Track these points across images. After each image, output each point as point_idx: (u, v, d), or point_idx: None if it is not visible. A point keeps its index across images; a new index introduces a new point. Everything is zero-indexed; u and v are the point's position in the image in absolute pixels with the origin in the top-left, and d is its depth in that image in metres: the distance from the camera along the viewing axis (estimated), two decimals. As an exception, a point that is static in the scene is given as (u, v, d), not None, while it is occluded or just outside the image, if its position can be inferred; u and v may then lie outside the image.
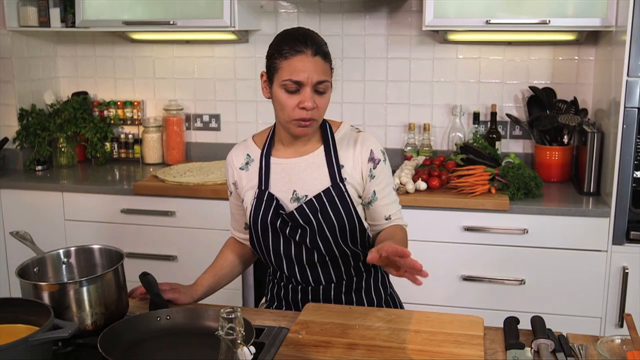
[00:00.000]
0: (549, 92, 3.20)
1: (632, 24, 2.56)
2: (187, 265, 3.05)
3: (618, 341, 1.46)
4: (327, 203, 1.80)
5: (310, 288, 1.88)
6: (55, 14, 3.37)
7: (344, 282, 1.89)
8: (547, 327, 1.62)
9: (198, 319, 1.54)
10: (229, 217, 2.06)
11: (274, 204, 1.82)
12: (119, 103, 3.66)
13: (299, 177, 1.84)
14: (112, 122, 3.65)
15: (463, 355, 1.47)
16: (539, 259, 2.78)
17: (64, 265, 1.63)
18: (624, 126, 2.64)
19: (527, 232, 2.76)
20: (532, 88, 3.20)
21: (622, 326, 2.74)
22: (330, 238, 1.82)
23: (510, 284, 2.81)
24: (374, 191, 1.86)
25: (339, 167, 1.83)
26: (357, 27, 3.38)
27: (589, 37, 3.15)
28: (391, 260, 1.51)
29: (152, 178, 3.19)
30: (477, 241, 2.81)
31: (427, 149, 3.31)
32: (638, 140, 2.67)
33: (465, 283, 2.85)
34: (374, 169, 1.85)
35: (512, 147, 3.34)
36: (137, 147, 3.65)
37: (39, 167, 3.43)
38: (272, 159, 1.87)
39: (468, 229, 2.80)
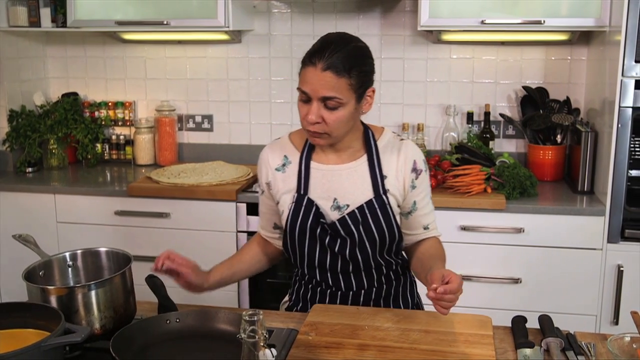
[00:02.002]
0: (542, 91, 3.22)
1: (627, 24, 2.59)
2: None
3: (627, 339, 1.47)
4: (369, 215, 1.76)
5: (339, 293, 1.85)
6: (45, 13, 3.33)
7: (375, 289, 1.86)
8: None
9: (208, 322, 1.53)
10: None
11: (314, 210, 1.78)
12: (110, 104, 3.63)
13: (341, 185, 1.79)
14: (103, 123, 3.61)
15: (475, 355, 1.47)
16: (535, 257, 2.79)
17: (69, 269, 1.61)
18: (619, 125, 2.66)
19: (523, 231, 2.77)
20: (525, 88, 3.22)
21: (617, 324, 2.76)
22: (369, 250, 1.79)
23: (507, 283, 2.83)
24: (415, 201, 1.83)
25: (382, 177, 1.79)
26: (351, 27, 3.38)
27: (581, 37, 3.18)
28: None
29: (146, 179, 3.16)
30: (474, 240, 2.82)
31: (421, 149, 3.31)
32: (632, 139, 2.70)
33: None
34: (416, 179, 1.81)
35: (505, 146, 3.36)
36: (128, 149, 3.62)
37: (30, 169, 3.38)
38: (312, 164, 1.82)
39: (464, 228, 2.81)
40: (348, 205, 1.78)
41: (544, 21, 2.84)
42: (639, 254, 2.71)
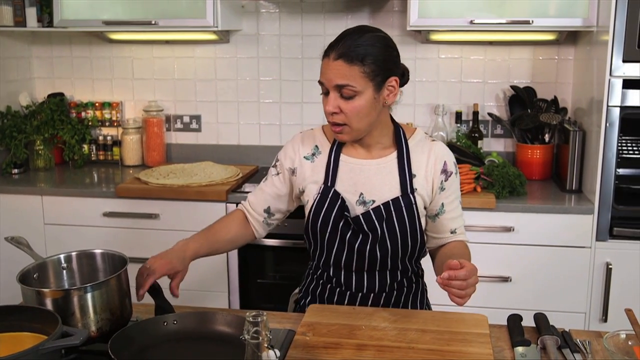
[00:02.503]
0: (529, 91, 3.24)
1: (615, 23, 2.61)
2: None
3: (623, 336, 1.49)
4: (394, 212, 1.76)
5: (349, 293, 1.85)
6: (31, 13, 3.29)
7: (385, 294, 1.84)
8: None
9: (205, 323, 1.52)
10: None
11: (339, 202, 1.77)
12: (97, 104, 3.60)
13: (368, 180, 1.79)
14: (90, 123, 3.58)
15: (473, 354, 1.48)
16: (524, 256, 2.81)
17: (64, 271, 1.59)
18: (607, 124, 2.69)
19: (513, 230, 2.79)
20: (513, 87, 3.24)
21: (606, 321, 2.79)
22: (390, 248, 1.78)
23: (497, 282, 2.84)
24: (443, 204, 1.82)
25: (411, 176, 1.78)
26: (339, 27, 3.28)
27: (568, 37, 3.20)
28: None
29: (134, 180, 3.14)
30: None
31: (410, 148, 3.32)
32: (620, 138, 2.73)
33: (452, 281, 2.86)
34: (445, 181, 1.81)
35: (493, 145, 3.38)
36: (116, 149, 3.59)
37: (16, 170, 3.34)
38: (342, 157, 1.82)
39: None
40: (374, 201, 1.78)
41: (532, 21, 2.86)
42: (627, 252, 2.74)
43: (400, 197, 1.76)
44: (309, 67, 3.39)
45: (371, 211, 1.76)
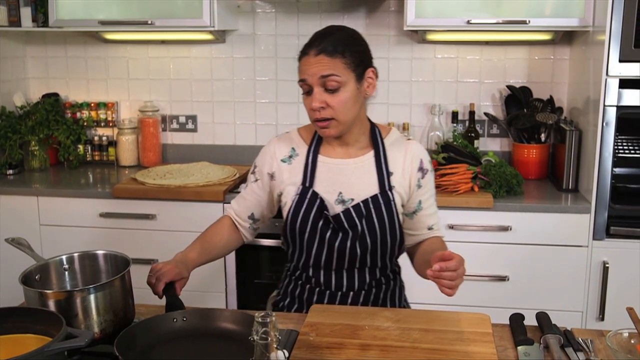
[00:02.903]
0: (525, 91, 3.25)
1: (611, 24, 2.62)
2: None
3: (626, 335, 1.49)
4: (373, 210, 1.79)
5: (328, 292, 1.86)
6: (26, 13, 3.28)
7: (364, 292, 1.87)
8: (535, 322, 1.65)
9: (214, 321, 1.53)
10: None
11: (318, 203, 1.80)
12: (92, 105, 3.58)
13: (347, 179, 1.82)
14: (85, 124, 3.56)
15: (476, 353, 1.48)
16: (521, 255, 2.82)
17: (66, 272, 1.58)
18: (604, 124, 2.70)
19: (510, 229, 2.80)
20: (509, 87, 3.25)
21: (603, 319, 2.80)
22: (370, 245, 1.80)
23: (494, 281, 2.85)
24: (420, 201, 1.87)
25: (389, 174, 1.83)
26: (336, 27, 3.37)
27: (564, 37, 3.21)
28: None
29: (131, 181, 3.12)
30: (461, 239, 2.83)
31: (406, 148, 3.33)
32: (617, 137, 2.74)
33: (449, 281, 2.87)
34: (422, 178, 1.86)
35: (489, 145, 3.38)
36: (111, 150, 3.57)
37: (11, 171, 3.32)
38: (320, 157, 1.85)
39: (452, 227, 2.82)
40: (353, 199, 1.81)
41: (529, 21, 2.86)
42: (624, 251, 2.75)
43: (378, 195, 1.80)
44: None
45: (351, 209, 1.79)
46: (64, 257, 1.59)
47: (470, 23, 2.90)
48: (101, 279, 1.60)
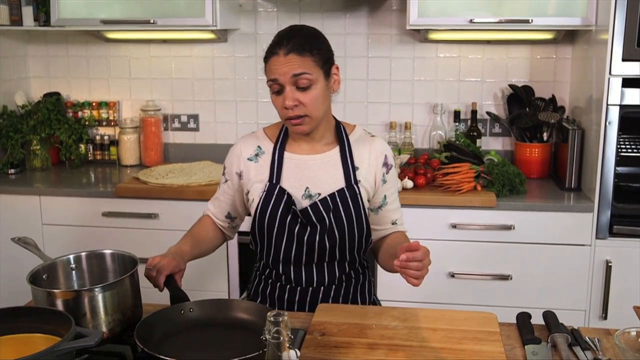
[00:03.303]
0: (527, 90, 3.25)
1: (614, 23, 2.62)
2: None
3: (634, 333, 1.49)
4: (340, 204, 1.82)
5: (299, 289, 1.88)
6: (27, 12, 3.27)
7: (334, 286, 1.89)
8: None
9: (221, 310, 1.57)
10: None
11: (285, 198, 1.82)
12: (93, 104, 3.57)
13: (314, 174, 1.85)
14: (87, 123, 3.56)
15: (485, 352, 1.48)
16: (524, 254, 2.82)
17: (73, 272, 1.58)
18: (607, 123, 2.70)
19: (513, 228, 2.80)
20: (511, 86, 3.25)
21: (606, 318, 2.80)
22: (338, 238, 1.82)
23: (497, 280, 2.85)
24: (385, 195, 1.90)
25: (354, 168, 1.86)
26: (338, 26, 3.38)
27: (566, 36, 3.22)
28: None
29: (133, 180, 3.12)
30: (464, 238, 2.84)
31: (408, 147, 3.33)
32: (619, 136, 2.74)
33: (452, 280, 2.87)
34: (386, 173, 1.90)
35: (492, 144, 3.39)
36: (113, 149, 3.57)
37: (12, 170, 3.32)
38: (286, 154, 1.87)
39: (455, 226, 2.83)
40: (320, 194, 1.83)
41: (532, 20, 2.87)
42: (627, 250, 2.76)
43: (345, 189, 1.83)
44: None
45: (318, 202, 1.82)
46: (71, 257, 1.59)
47: (473, 22, 2.90)
48: (108, 279, 1.60)
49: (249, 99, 3.51)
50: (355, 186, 1.83)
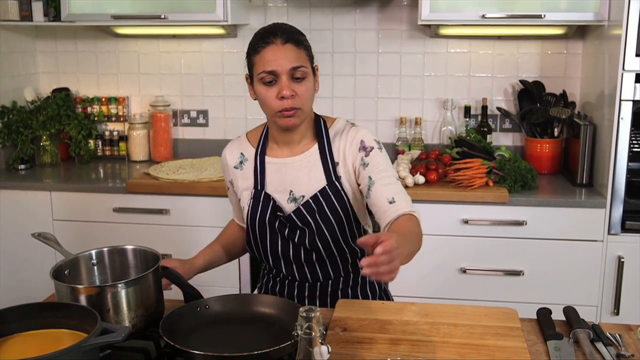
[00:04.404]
0: (538, 85, 3.25)
1: (628, 18, 2.61)
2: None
3: (655, 329, 1.50)
4: (324, 203, 1.79)
5: (307, 284, 1.88)
6: (37, 7, 3.26)
7: (342, 278, 1.88)
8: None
9: (236, 306, 1.58)
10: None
11: (271, 204, 1.81)
12: (102, 99, 3.57)
13: (295, 176, 1.82)
14: (96, 119, 3.55)
15: (507, 348, 1.48)
16: (536, 250, 2.82)
17: (95, 267, 1.58)
18: (619, 118, 2.70)
19: (525, 224, 2.80)
20: (522, 82, 3.25)
21: (618, 314, 2.80)
22: (329, 238, 1.80)
23: (509, 276, 2.85)
24: (370, 176, 1.77)
25: (334, 164, 1.81)
26: (348, 22, 3.37)
27: (577, 32, 3.21)
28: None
29: (144, 175, 3.12)
30: (476, 234, 2.84)
31: (418, 142, 3.33)
32: (632, 132, 2.73)
33: (463, 275, 2.88)
34: (366, 156, 1.79)
35: (502, 140, 3.38)
36: (122, 145, 3.57)
37: (22, 166, 3.31)
38: (267, 159, 1.85)
39: (467, 221, 2.82)
40: (303, 196, 1.81)
41: (544, 15, 2.86)
42: (639, 245, 2.75)
43: (326, 187, 1.80)
44: (317, 61, 3.37)
45: (301, 207, 1.80)
46: (93, 252, 1.59)
47: (485, 17, 2.89)
48: (130, 274, 1.60)
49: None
50: (336, 182, 1.79)
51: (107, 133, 3.59)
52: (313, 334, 1.06)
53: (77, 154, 3.48)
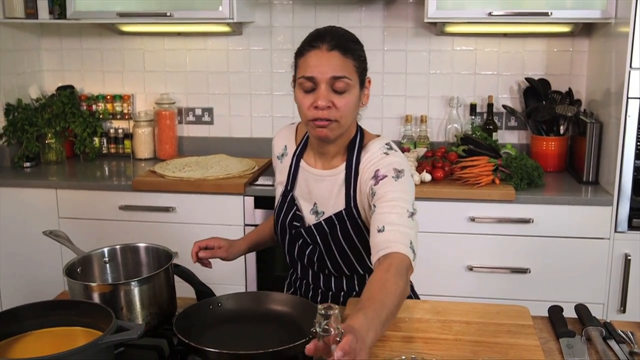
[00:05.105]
0: (544, 83, 3.25)
1: (635, 15, 2.61)
2: (189, 262, 2.98)
3: (669, 327, 1.50)
4: (338, 227, 1.71)
5: (320, 291, 1.85)
6: (43, 5, 3.26)
7: (355, 293, 1.81)
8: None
9: (249, 303, 1.58)
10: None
11: (294, 210, 1.78)
12: (107, 97, 3.57)
13: (319, 191, 1.76)
14: (101, 116, 3.55)
15: (521, 345, 1.48)
16: (543, 247, 2.82)
17: (107, 265, 1.58)
18: (627, 116, 2.69)
19: (532, 221, 2.79)
20: (528, 79, 3.25)
21: (624, 312, 2.81)
22: (340, 260, 1.75)
23: (515, 273, 2.85)
24: (374, 204, 1.60)
25: (356, 189, 1.69)
26: (353, 19, 3.37)
27: (583, 29, 3.21)
28: None
29: (150, 173, 3.12)
30: (483, 231, 2.84)
31: (424, 140, 3.33)
32: (639, 130, 2.73)
33: (470, 273, 2.88)
34: (375, 185, 1.62)
35: (507, 137, 3.38)
36: (127, 142, 3.57)
37: (27, 164, 3.31)
38: (302, 163, 1.80)
39: (473, 219, 2.82)
40: (324, 212, 1.75)
41: (551, 13, 2.85)
42: (646, 243, 2.76)
43: (343, 211, 1.71)
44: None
45: (312, 227, 1.75)
46: (105, 250, 1.59)
47: (492, 15, 2.89)
48: (142, 272, 1.60)
49: (263, 92, 3.50)
50: (354, 209, 1.70)
51: (112, 131, 3.59)
52: (332, 331, 1.06)
53: (82, 152, 3.48)
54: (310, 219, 1.77)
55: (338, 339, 1.05)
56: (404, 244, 1.50)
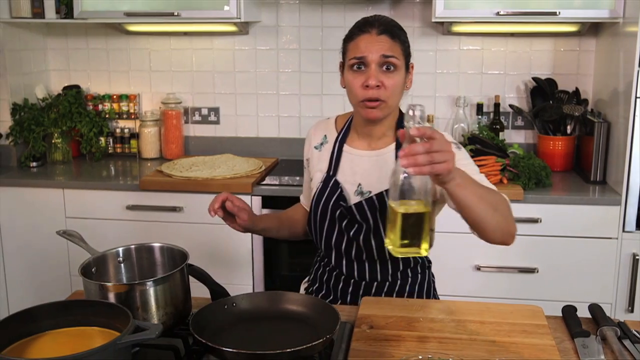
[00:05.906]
0: (551, 82, 3.24)
1: (644, 15, 2.61)
2: (196, 261, 2.96)
3: (684, 326, 1.49)
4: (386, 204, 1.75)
5: (352, 281, 1.87)
6: (49, 4, 3.26)
7: (388, 283, 1.86)
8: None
9: (264, 303, 1.57)
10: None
11: (338, 192, 1.82)
12: (114, 97, 3.57)
13: (366, 171, 1.83)
14: (107, 116, 3.55)
15: (536, 345, 1.48)
16: (551, 247, 2.82)
17: (122, 265, 1.57)
18: (635, 115, 2.69)
19: (540, 221, 2.79)
20: (535, 79, 3.24)
21: (632, 311, 2.81)
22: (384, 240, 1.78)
23: (523, 273, 2.85)
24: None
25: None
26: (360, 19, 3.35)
27: (590, 29, 3.20)
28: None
29: (157, 173, 3.12)
30: (491, 231, 2.83)
31: (430, 140, 3.32)
32: (647, 129, 2.73)
33: (478, 273, 2.87)
34: None
35: (514, 137, 3.38)
36: (133, 142, 3.57)
37: (34, 164, 3.31)
38: (345, 147, 1.87)
39: (481, 219, 2.82)
40: (370, 192, 1.81)
41: (559, 12, 2.85)
42: (654, 243, 2.76)
43: None
44: (329, 58, 3.37)
45: (364, 202, 1.79)
46: (120, 250, 1.58)
47: (500, 14, 2.89)
48: (157, 272, 1.59)
49: (269, 92, 3.50)
50: None
51: (118, 130, 3.59)
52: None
53: (88, 152, 3.48)
54: (354, 200, 1.82)
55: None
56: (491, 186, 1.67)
